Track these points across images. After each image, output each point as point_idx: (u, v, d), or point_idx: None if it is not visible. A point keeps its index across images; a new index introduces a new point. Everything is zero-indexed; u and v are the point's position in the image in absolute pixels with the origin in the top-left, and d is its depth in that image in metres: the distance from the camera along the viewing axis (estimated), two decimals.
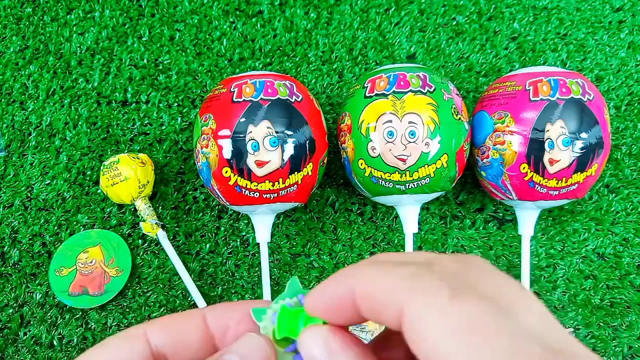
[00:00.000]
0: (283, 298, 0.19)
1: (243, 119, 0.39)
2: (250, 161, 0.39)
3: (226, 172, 0.40)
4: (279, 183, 0.40)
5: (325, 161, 0.43)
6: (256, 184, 0.40)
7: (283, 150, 0.39)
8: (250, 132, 0.39)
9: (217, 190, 0.41)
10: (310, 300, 0.18)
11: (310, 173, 0.41)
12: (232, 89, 0.40)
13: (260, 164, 0.39)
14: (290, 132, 0.39)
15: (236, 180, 0.40)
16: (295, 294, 0.20)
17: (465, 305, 0.14)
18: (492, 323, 0.14)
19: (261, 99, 0.40)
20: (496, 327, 0.14)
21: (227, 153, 0.39)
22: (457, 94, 0.42)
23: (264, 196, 0.40)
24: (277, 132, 0.39)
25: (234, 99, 0.40)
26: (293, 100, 0.41)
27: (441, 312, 0.14)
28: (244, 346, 0.18)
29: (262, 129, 0.39)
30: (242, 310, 0.20)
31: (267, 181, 0.39)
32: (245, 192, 0.40)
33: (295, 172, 0.40)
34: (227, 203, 0.42)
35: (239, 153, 0.39)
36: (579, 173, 0.40)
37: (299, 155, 0.40)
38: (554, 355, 0.13)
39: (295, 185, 0.41)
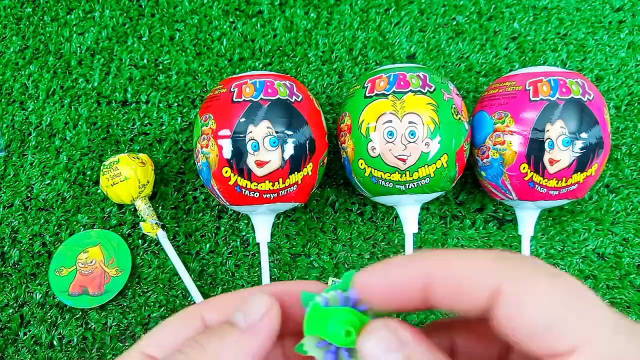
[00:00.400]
0: (335, 289, 0.19)
1: (243, 119, 0.39)
2: (250, 161, 0.39)
3: (226, 172, 0.40)
4: (279, 183, 0.40)
5: (325, 161, 0.43)
6: (256, 184, 0.40)
7: (283, 150, 0.39)
8: (250, 132, 0.39)
9: (217, 190, 0.41)
10: (368, 278, 0.18)
11: (310, 173, 0.41)
12: (232, 89, 0.40)
13: (260, 164, 0.39)
14: (290, 132, 0.39)
15: (236, 180, 0.40)
16: (345, 287, 0.19)
17: (568, 279, 0.15)
18: (593, 294, 0.15)
19: (261, 99, 0.40)
20: (597, 298, 0.15)
21: (227, 153, 0.39)
22: (457, 94, 0.42)
23: (264, 196, 0.40)
24: (277, 132, 0.39)
25: (234, 99, 0.40)
26: (293, 100, 0.41)
27: (547, 286, 0.15)
28: (248, 303, 0.19)
29: (262, 129, 0.39)
30: (298, 289, 0.19)
31: (267, 181, 0.39)
32: (245, 192, 0.40)
33: (295, 172, 0.40)
34: (227, 203, 0.42)
35: (239, 153, 0.39)
36: (579, 173, 0.40)
37: (299, 155, 0.40)
38: None
39: (295, 185, 0.41)
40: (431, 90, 0.40)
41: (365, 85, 0.41)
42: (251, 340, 0.18)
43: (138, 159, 0.46)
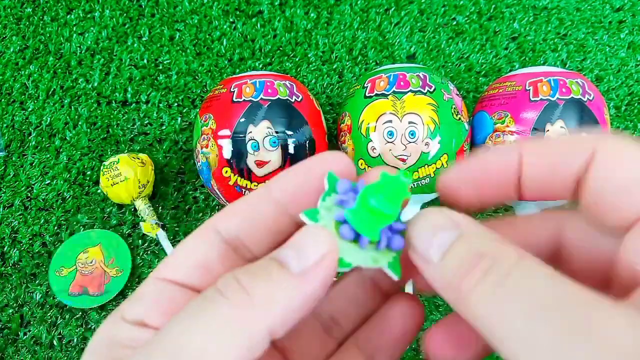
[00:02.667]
0: (329, 194, 0.16)
1: (243, 119, 0.39)
2: (250, 161, 0.39)
3: (226, 172, 0.40)
4: None
5: None
6: (256, 184, 0.40)
7: (283, 150, 0.39)
8: (250, 132, 0.39)
9: (217, 190, 0.41)
10: (458, 173, 0.17)
11: None
12: (232, 89, 0.40)
13: (260, 164, 0.39)
14: (290, 132, 0.39)
15: (236, 180, 0.40)
16: (336, 188, 0.17)
17: None
18: None
19: (261, 99, 0.40)
20: None
21: (227, 153, 0.39)
22: (457, 94, 0.42)
23: None
24: (277, 132, 0.39)
25: (234, 99, 0.40)
26: (293, 100, 0.41)
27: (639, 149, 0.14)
28: (301, 238, 0.15)
29: (262, 129, 0.39)
30: (305, 174, 0.17)
31: (267, 181, 0.39)
32: (245, 192, 0.40)
33: None
34: (227, 203, 0.42)
35: (239, 153, 0.39)
36: None
37: (299, 155, 0.40)
38: None
39: None
40: (431, 90, 0.40)
41: (365, 85, 0.41)
42: (303, 289, 0.14)
43: (138, 159, 0.46)
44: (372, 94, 0.40)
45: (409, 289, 0.45)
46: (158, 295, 0.16)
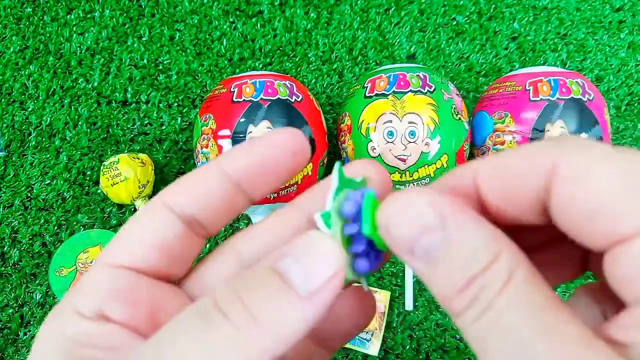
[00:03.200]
0: (338, 193, 0.15)
1: (243, 119, 0.39)
2: None
3: None
4: None
5: (325, 161, 0.43)
6: None
7: None
8: (250, 132, 0.39)
9: None
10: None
11: (310, 173, 0.41)
12: (232, 89, 0.40)
13: None
14: None
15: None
16: (348, 185, 0.16)
17: (631, 154, 0.12)
18: None
19: (261, 99, 0.40)
20: None
21: None
22: (457, 94, 0.42)
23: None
24: None
25: (234, 99, 0.40)
26: (293, 100, 0.41)
27: (606, 161, 0.12)
28: (306, 248, 0.14)
29: (262, 129, 0.39)
30: (259, 150, 0.16)
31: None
32: None
33: None
34: None
35: None
36: None
37: None
38: None
39: (295, 185, 0.41)
40: (431, 90, 0.40)
41: (365, 85, 0.41)
42: (310, 313, 0.13)
43: (138, 159, 0.46)
44: (372, 94, 0.40)
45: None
46: (114, 284, 0.15)
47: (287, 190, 0.40)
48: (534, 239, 0.17)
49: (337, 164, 0.15)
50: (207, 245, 0.47)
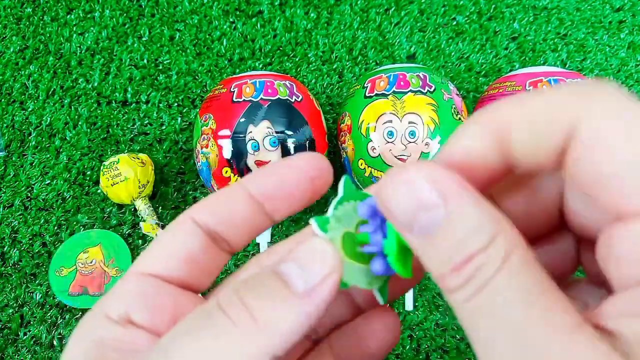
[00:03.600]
0: (342, 203, 0.16)
1: (243, 119, 0.39)
2: (250, 161, 0.39)
3: (226, 172, 0.40)
4: None
5: None
6: None
7: (283, 151, 0.39)
8: (250, 132, 0.39)
9: (217, 190, 0.41)
10: (446, 155, 0.14)
11: None
12: (232, 89, 0.40)
13: (260, 164, 0.39)
14: (290, 132, 0.39)
15: (236, 180, 0.40)
16: (352, 197, 0.16)
17: None
18: None
19: (261, 99, 0.40)
20: None
21: (227, 153, 0.39)
22: (457, 94, 0.42)
23: None
24: (277, 132, 0.39)
25: (234, 99, 0.40)
26: (293, 100, 0.41)
27: (632, 128, 0.11)
28: (306, 254, 0.15)
29: (262, 129, 0.39)
30: (281, 174, 0.17)
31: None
32: None
33: None
34: None
35: (239, 153, 0.39)
36: None
37: None
38: None
39: None
40: (431, 90, 0.40)
41: (365, 85, 0.41)
42: (308, 310, 0.14)
43: (138, 159, 0.46)
44: (372, 94, 0.40)
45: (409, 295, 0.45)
46: (142, 291, 0.16)
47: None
48: (530, 233, 0.17)
49: (344, 177, 0.16)
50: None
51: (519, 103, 0.13)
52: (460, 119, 0.41)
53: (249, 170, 0.39)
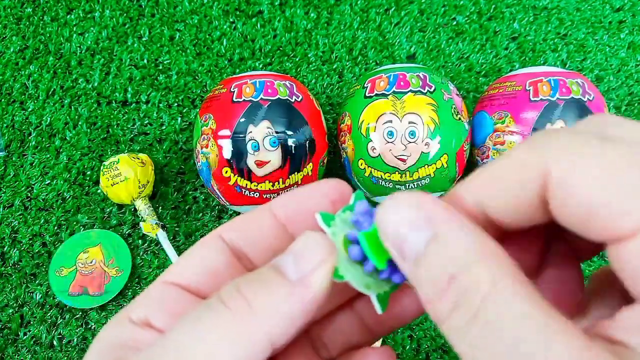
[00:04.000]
0: (351, 209, 0.17)
1: (243, 119, 0.39)
2: (250, 161, 0.39)
3: (226, 172, 0.40)
4: (279, 183, 0.40)
5: (325, 161, 0.43)
6: (256, 184, 0.40)
7: (283, 151, 0.39)
8: (250, 132, 0.39)
9: (217, 190, 0.41)
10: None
11: (310, 173, 0.41)
12: (232, 89, 0.40)
13: (260, 164, 0.39)
14: (290, 132, 0.39)
15: (236, 180, 0.40)
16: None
17: (621, 145, 0.12)
18: None
19: (261, 99, 0.40)
20: None
21: (227, 153, 0.39)
22: (457, 94, 0.42)
23: (264, 196, 0.40)
24: (277, 132, 0.39)
25: (234, 99, 0.40)
26: (293, 100, 0.41)
27: (595, 156, 0.12)
28: (300, 244, 0.16)
29: (262, 129, 0.39)
30: (305, 197, 0.18)
31: (267, 181, 0.39)
32: (245, 192, 0.40)
33: (296, 172, 0.40)
34: (228, 203, 0.42)
35: (239, 153, 0.39)
36: None
37: (299, 155, 0.40)
38: None
39: (296, 186, 0.41)
40: (431, 90, 0.40)
41: (365, 85, 0.41)
42: (301, 296, 0.14)
43: (138, 159, 0.46)
44: (372, 94, 0.40)
45: None
46: (163, 297, 0.17)
47: (287, 191, 0.40)
48: (532, 246, 0.17)
49: (357, 191, 0.18)
50: None
51: (487, 176, 0.15)
52: (460, 119, 0.41)
53: (249, 170, 0.39)
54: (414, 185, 0.40)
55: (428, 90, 0.40)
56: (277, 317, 0.14)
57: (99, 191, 0.49)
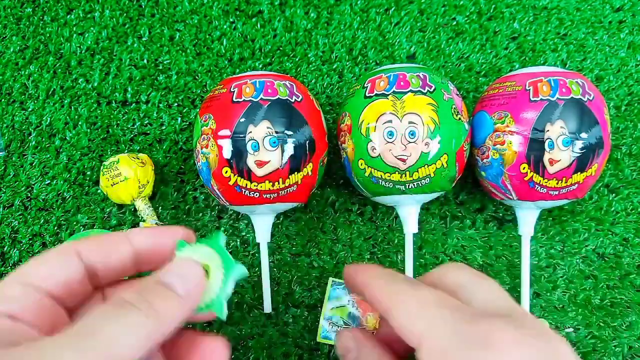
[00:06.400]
0: (202, 242, 0.24)
1: (243, 119, 0.39)
2: (250, 161, 0.39)
3: (226, 172, 0.40)
4: (278, 183, 0.40)
5: (325, 161, 0.43)
6: (256, 184, 0.40)
7: (283, 151, 0.39)
8: (250, 132, 0.39)
9: (217, 191, 0.41)
10: None
11: (310, 173, 0.41)
12: (232, 89, 0.40)
13: (260, 164, 0.39)
14: (290, 132, 0.39)
15: (236, 180, 0.40)
16: (207, 243, 0.23)
17: (426, 289, 0.22)
18: (433, 297, 0.21)
19: (261, 99, 0.40)
20: (455, 303, 0.21)
21: (227, 153, 0.39)
22: (457, 94, 0.42)
23: (264, 196, 0.40)
24: (277, 132, 0.39)
25: (234, 99, 0.40)
26: (293, 100, 0.41)
27: (401, 299, 0.22)
28: (181, 268, 0.21)
29: (262, 129, 0.39)
30: (162, 236, 0.23)
31: (267, 181, 0.39)
32: (245, 192, 0.40)
33: (295, 172, 0.40)
34: (227, 203, 0.42)
35: (239, 153, 0.39)
36: (579, 173, 0.40)
37: (299, 155, 0.40)
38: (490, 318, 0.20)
39: (295, 186, 0.41)
40: (431, 90, 0.40)
41: (365, 85, 0.41)
42: (187, 306, 0.21)
43: (138, 159, 0.46)
44: (372, 94, 0.40)
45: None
46: (30, 301, 0.19)
47: (287, 191, 0.40)
48: None
49: (221, 234, 0.24)
50: None
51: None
52: (460, 119, 0.41)
53: (249, 170, 0.39)
54: (413, 185, 0.40)
55: (428, 90, 0.40)
56: (172, 320, 0.20)
57: (99, 191, 0.49)
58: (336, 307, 0.32)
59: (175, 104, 0.51)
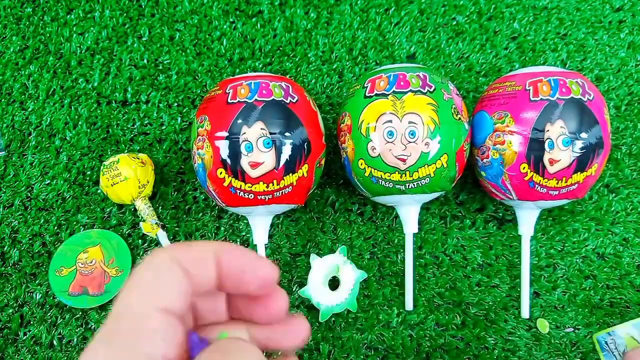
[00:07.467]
0: None
1: (238, 120, 0.39)
2: (244, 162, 0.39)
3: (220, 173, 0.40)
4: (273, 184, 0.40)
5: (322, 162, 0.43)
6: (250, 185, 0.39)
7: (277, 152, 0.39)
8: (244, 133, 0.39)
9: (212, 192, 0.41)
10: None
11: (305, 174, 0.41)
12: (227, 91, 0.40)
13: (254, 165, 0.39)
14: (285, 134, 0.39)
15: (230, 181, 0.40)
16: None
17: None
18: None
19: (255, 100, 0.39)
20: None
21: (222, 154, 0.39)
22: (457, 94, 0.42)
23: (259, 197, 0.40)
24: (271, 133, 0.39)
25: (229, 101, 0.40)
26: (288, 101, 0.41)
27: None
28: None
29: (255, 130, 0.39)
30: (249, 259, 0.20)
31: (261, 182, 0.39)
32: (239, 193, 0.40)
33: (290, 174, 0.40)
34: (223, 204, 0.42)
35: (233, 154, 0.39)
36: (579, 173, 0.40)
37: (293, 156, 0.40)
38: None
39: (290, 187, 0.40)
40: (431, 90, 0.40)
41: (365, 85, 0.41)
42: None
43: (138, 159, 0.46)
44: (372, 94, 0.40)
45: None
46: (174, 334, 0.18)
47: (281, 192, 0.40)
48: None
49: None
50: None
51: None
52: (460, 118, 0.41)
53: (242, 171, 0.39)
54: (413, 185, 0.40)
55: (428, 90, 0.40)
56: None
57: (99, 191, 0.49)
58: None
59: (175, 104, 0.51)
